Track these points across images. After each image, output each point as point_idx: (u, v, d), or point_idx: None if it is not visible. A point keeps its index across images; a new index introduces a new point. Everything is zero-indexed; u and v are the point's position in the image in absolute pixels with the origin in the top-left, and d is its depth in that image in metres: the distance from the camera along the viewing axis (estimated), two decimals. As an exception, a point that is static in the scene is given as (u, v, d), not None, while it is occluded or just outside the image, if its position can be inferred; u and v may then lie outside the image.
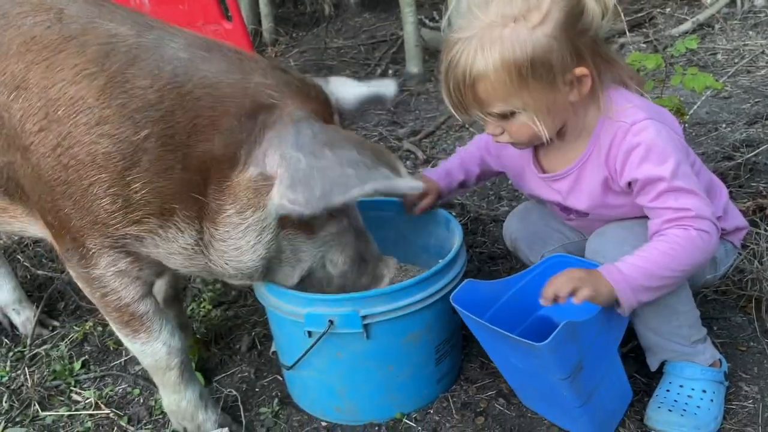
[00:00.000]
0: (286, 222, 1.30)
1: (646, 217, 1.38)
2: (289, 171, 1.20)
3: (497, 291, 1.47)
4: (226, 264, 1.33)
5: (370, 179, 1.17)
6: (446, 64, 1.28)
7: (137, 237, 1.28)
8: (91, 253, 1.29)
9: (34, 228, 1.44)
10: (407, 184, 1.21)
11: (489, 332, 1.32)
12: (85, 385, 1.79)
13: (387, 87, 1.47)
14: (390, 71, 3.83)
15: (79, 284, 1.40)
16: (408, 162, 2.78)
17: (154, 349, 1.43)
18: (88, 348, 1.93)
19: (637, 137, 1.29)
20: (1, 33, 1.26)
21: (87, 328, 1.97)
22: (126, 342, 1.45)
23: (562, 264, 1.47)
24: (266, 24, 4.51)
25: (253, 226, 1.26)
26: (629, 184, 1.34)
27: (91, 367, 1.86)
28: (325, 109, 1.32)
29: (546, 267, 1.49)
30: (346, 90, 1.42)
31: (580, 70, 1.26)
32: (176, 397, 1.52)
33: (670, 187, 1.27)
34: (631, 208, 1.40)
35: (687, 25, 3.77)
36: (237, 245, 1.29)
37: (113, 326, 1.44)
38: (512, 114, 1.29)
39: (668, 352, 1.45)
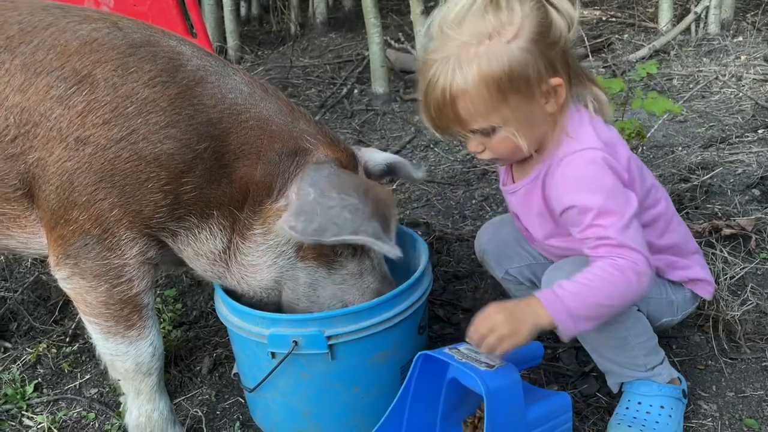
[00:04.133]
0: (306, 253, 1.43)
1: None
2: (298, 201, 1.36)
3: (396, 415, 1.38)
4: (242, 278, 1.45)
5: (361, 230, 1.32)
6: (425, 85, 1.29)
7: (173, 232, 1.38)
8: (122, 242, 1.33)
9: (38, 240, 1.41)
10: (387, 248, 1.34)
11: None
12: (37, 410, 1.72)
13: (416, 169, 1.63)
14: (356, 91, 3.85)
15: (75, 283, 1.36)
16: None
17: (140, 350, 1.43)
18: (41, 371, 1.86)
19: (566, 169, 1.31)
20: (57, 36, 1.32)
21: (40, 350, 1.90)
22: (109, 343, 1.42)
23: (426, 360, 1.35)
24: (231, 41, 4.49)
25: (272, 249, 1.41)
26: (562, 213, 1.33)
27: (44, 390, 1.79)
28: (350, 160, 1.47)
29: (417, 372, 1.36)
30: (375, 156, 1.59)
31: (555, 81, 1.28)
32: (149, 408, 1.50)
33: (596, 217, 1.26)
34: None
35: (644, 51, 3.89)
36: (255, 262, 1.42)
37: (101, 326, 1.40)
38: (493, 130, 1.30)
39: (626, 377, 1.48)
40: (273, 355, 1.42)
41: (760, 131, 2.89)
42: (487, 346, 1.24)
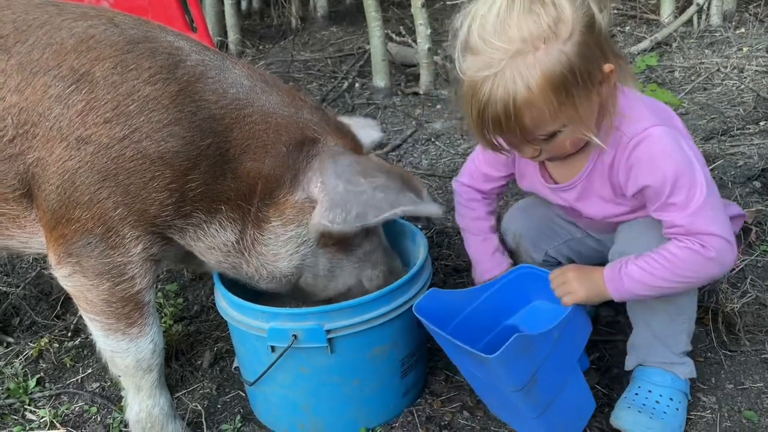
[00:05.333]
0: (327, 240, 1.47)
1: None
2: (328, 195, 1.38)
3: (462, 300, 1.48)
4: (262, 266, 1.47)
5: (399, 203, 1.36)
6: (480, 104, 1.21)
7: (181, 229, 1.38)
8: (126, 240, 1.33)
9: (39, 240, 1.42)
10: (429, 208, 1.39)
11: (448, 341, 1.33)
12: (40, 404, 1.73)
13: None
14: (357, 85, 3.84)
15: (77, 281, 1.37)
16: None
17: (140, 347, 1.44)
18: (44, 365, 1.87)
19: (637, 150, 1.30)
20: (53, 34, 1.31)
21: (42, 344, 1.91)
22: (109, 340, 1.42)
23: (529, 276, 1.49)
24: (232, 36, 4.48)
25: (294, 239, 1.44)
26: (636, 194, 1.35)
27: (47, 384, 1.80)
28: (356, 144, 1.52)
29: (512, 278, 1.50)
30: (368, 133, 1.64)
31: (608, 67, 1.24)
32: (150, 403, 1.51)
33: (670, 195, 1.29)
34: (644, 212, 1.41)
35: (645, 44, 3.87)
36: (276, 251, 1.45)
37: (102, 323, 1.40)
38: (558, 131, 1.26)
39: (651, 358, 1.48)
40: (273, 348, 1.42)
41: (761, 123, 2.88)
42: (559, 292, 1.41)
